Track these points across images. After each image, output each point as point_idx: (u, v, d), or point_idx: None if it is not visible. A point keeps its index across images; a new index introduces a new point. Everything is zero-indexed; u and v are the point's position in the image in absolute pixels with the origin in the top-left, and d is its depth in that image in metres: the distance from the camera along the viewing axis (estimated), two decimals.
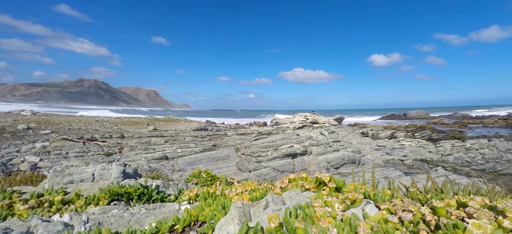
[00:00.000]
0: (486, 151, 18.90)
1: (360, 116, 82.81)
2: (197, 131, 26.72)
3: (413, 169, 17.10)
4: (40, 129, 21.15)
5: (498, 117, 51.21)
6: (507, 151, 18.62)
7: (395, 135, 30.60)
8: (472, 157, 18.10)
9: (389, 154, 20.91)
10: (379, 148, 23.21)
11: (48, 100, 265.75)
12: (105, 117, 45.92)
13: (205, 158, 15.93)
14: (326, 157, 15.73)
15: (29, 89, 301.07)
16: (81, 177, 3.45)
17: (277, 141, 19.25)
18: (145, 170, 8.12)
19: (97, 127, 25.82)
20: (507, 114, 55.01)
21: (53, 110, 65.92)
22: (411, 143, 23.95)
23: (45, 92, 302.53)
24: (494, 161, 16.84)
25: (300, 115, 43.39)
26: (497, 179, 14.00)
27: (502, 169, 15.26)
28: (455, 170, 16.05)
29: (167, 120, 39.74)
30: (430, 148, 21.43)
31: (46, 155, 13.34)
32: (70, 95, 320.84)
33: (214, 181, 4.09)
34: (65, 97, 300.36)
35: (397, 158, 19.53)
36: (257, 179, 13.05)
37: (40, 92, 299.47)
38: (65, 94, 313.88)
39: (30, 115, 33.12)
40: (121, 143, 18.57)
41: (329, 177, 2.39)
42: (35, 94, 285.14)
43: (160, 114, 69.82)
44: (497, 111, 65.59)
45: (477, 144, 20.64)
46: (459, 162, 17.48)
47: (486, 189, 2.45)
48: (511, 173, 14.73)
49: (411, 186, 2.75)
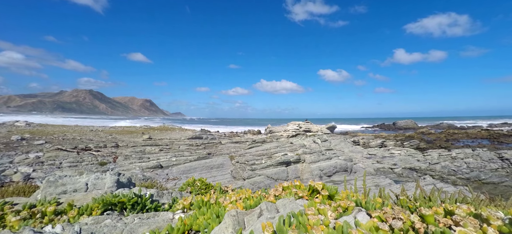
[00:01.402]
0: (471, 160, 19.34)
1: (351, 125, 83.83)
2: (191, 139, 26.46)
3: (402, 177, 17.28)
4: (34, 139, 20.75)
5: (480, 127, 52.75)
6: (490, 160, 19.11)
7: (385, 143, 31.00)
8: (457, 166, 18.47)
9: (379, 162, 21.11)
10: (370, 156, 23.44)
11: (43, 111, 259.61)
12: (99, 126, 45.20)
13: (199, 166, 15.72)
14: (319, 165, 15.76)
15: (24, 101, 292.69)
16: (74, 187, 3.35)
17: (271, 149, 19.22)
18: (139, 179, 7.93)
19: (91, 137, 25.39)
20: (489, 125, 56.76)
21: (48, 121, 64.85)
22: (400, 152, 24.29)
23: (40, 103, 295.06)
24: (478, 170, 17.22)
25: (294, 123, 43.60)
26: (481, 187, 14.29)
27: (485, 178, 15.60)
28: (442, 178, 16.30)
29: (162, 129, 39.29)
30: (419, 157, 21.78)
31: (40, 165, 13.03)
32: (65, 105, 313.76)
33: (209, 189, 4.03)
34: (60, 107, 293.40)
35: (387, 166, 19.73)
36: (251, 187, 12.92)
37: (35, 103, 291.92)
38: (60, 104, 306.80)
39: (24, 126, 32.35)
40: (115, 152, 18.25)
41: (322, 184, 2.40)
42: (30, 105, 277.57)
43: (155, 123, 69.02)
44: (480, 122, 67.62)
45: (462, 154, 21.11)
46: (445, 170, 17.78)
47: (471, 197, 2.51)
48: (494, 182, 15.07)
49: (401, 194, 2.78)
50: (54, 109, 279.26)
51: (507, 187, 14.08)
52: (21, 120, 39.48)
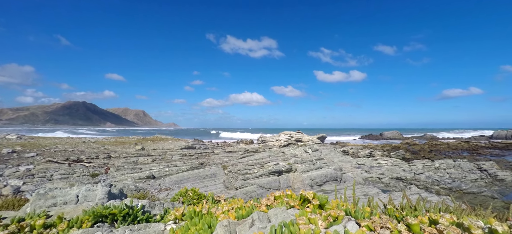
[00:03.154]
0: (452, 171, 19.85)
1: (340, 135, 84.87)
2: (184, 149, 26.03)
3: (390, 186, 17.47)
4: (25, 152, 20.09)
5: (461, 139, 54.55)
6: (470, 171, 19.67)
7: (373, 153, 31.47)
8: (440, 176, 18.89)
9: (368, 172, 21.33)
10: (359, 166, 23.67)
11: (35, 124, 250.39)
12: (92, 137, 44.22)
13: (192, 176, 15.41)
14: (310, 174, 15.76)
15: (16, 113, 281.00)
16: (64, 199, 3.20)
17: (263, 158, 19.13)
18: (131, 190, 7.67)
19: (83, 148, 24.74)
20: (468, 137, 58.80)
21: (40, 133, 63.08)
22: (387, 162, 24.67)
23: (33, 115, 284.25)
24: (459, 180, 17.66)
25: (285, 133, 43.73)
26: (462, 197, 14.62)
27: (466, 188, 16.00)
28: (426, 188, 16.59)
29: (155, 139, 38.67)
30: (404, 167, 22.16)
31: (30, 178, 12.59)
32: (58, 118, 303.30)
33: (201, 199, 3.95)
34: (53, 120, 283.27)
35: (375, 176, 19.94)
36: (244, 196, 12.71)
37: (27, 115, 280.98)
38: (52, 117, 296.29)
39: (16, 139, 31.24)
40: (107, 163, 17.78)
41: (313, 194, 2.40)
42: (22, 118, 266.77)
43: (148, 134, 67.85)
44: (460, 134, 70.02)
45: (445, 164, 21.66)
46: (429, 180, 18.14)
47: (453, 206, 2.56)
48: (474, 192, 15.47)
49: (388, 203, 2.81)
50: (46, 121, 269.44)
51: (486, 197, 14.47)
52: (12, 133, 38.17)
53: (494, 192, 15.33)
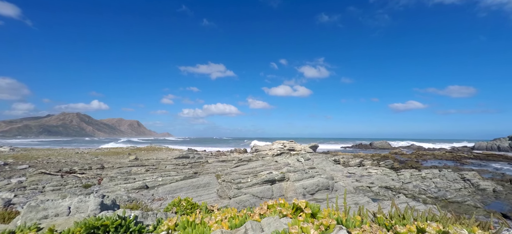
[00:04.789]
0: (438, 180, 20.20)
1: (332, 144, 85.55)
2: (178, 159, 25.58)
3: (379, 195, 17.57)
4: (18, 164, 19.53)
5: (445, 150, 55.94)
6: (454, 180, 20.08)
7: (363, 162, 31.75)
8: (427, 186, 19.18)
9: (358, 181, 21.44)
10: (350, 175, 23.78)
11: (29, 135, 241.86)
12: (86, 148, 43.26)
13: (186, 186, 15.07)
14: (303, 183, 15.69)
15: (9, 126, 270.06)
16: (56, 211, 3.07)
17: (257, 167, 18.98)
18: (124, 201, 7.42)
19: (76, 159, 24.11)
20: (452, 148, 60.39)
21: (33, 145, 61.34)
22: (377, 171, 24.90)
23: (26, 127, 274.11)
24: (444, 190, 17.97)
25: (278, 142, 43.72)
26: (447, 206, 14.84)
27: (451, 197, 16.28)
28: (414, 197, 16.77)
29: (149, 149, 38.02)
30: (393, 176, 22.40)
31: (22, 190, 12.21)
32: (51, 129, 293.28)
33: (194, 209, 3.86)
34: (46, 131, 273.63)
35: (365, 184, 20.05)
36: (237, 205, 12.49)
37: (21, 128, 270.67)
38: (46, 128, 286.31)
39: (8, 151, 30.22)
40: (100, 174, 17.32)
41: (305, 203, 2.39)
42: (15, 130, 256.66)
43: (142, 144, 66.63)
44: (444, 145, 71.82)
45: (431, 174, 22.04)
46: (417, 190, 18.37)
47: (439, 215, 2.60)
48: (458, 201, 15.75)
49: (378, 212, 2.83)
50: (40, 133, 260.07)
51: (469, 206, 14.75)
52: (5, 145, 36.89)
53: (477, 201, 15.64)
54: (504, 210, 13.94)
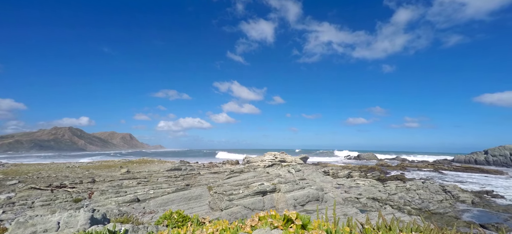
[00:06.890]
0: (421, 192, 20.56)
1: (321, 156, 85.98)
2: (170, 171, 24.89)
3: (367, 206, 17.61)
4: (7, 179, 18.73)
5: (428, 162, 57.41)
6: (436, 192, 20.50)
7: (351, 174, 31.95)
8: (411, 197, 19.45)
9: (347, 192, 21.47)
10: (339, 186, 23.81)
11: (19, 151, 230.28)
12: (77, 162, 41.67)
13: (177, 198, 14.60)
14: (293, 194, 15.55)
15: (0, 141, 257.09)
16: (45, 227, 2.90)
17: (249, 178, 18.70)
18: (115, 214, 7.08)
19: (67, 173, 23.12)
20: (434, 161, 62.07)
21: (23, 160, 58.51)
22: (364, 182, 25.08)
23: (17, 143, 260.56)
24: (427, 201, 18.27)
25: (270, 154, 43.53)
26: (431, 217, 15.07)
27: (433, 208, 16.56)
28: (399, 208, 16.92)
29: (141, 162, 36.96)
30: (380, 188, 22.61)
31: (10, 206, 11.63)
32: (43, 143, 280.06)
33: (186, 221, 3.74)
34: (38, 146, 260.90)
35: (353, 196, 20.09)
36: (229, 217, 12.15)
37: (12, 143, 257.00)
38: (37, 143, 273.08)
39: None
40: (91, 188, 16.62)
41: (296, 214, 2.38)
42: (6, 145, 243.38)
43: (135, 157, 64.81)
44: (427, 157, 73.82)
45: (415, 185, 22.43)
46: (402, 201, 18.58)
47: (423, 226, 2.65)
48: (440, 212, 16.03)
49: (366, 223, 2.84)
50: (31, 148, 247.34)
51: (450, 217, 15.04)
52: None
53: (458, 213, 15.97)
54: (482, 221, 14.27)
